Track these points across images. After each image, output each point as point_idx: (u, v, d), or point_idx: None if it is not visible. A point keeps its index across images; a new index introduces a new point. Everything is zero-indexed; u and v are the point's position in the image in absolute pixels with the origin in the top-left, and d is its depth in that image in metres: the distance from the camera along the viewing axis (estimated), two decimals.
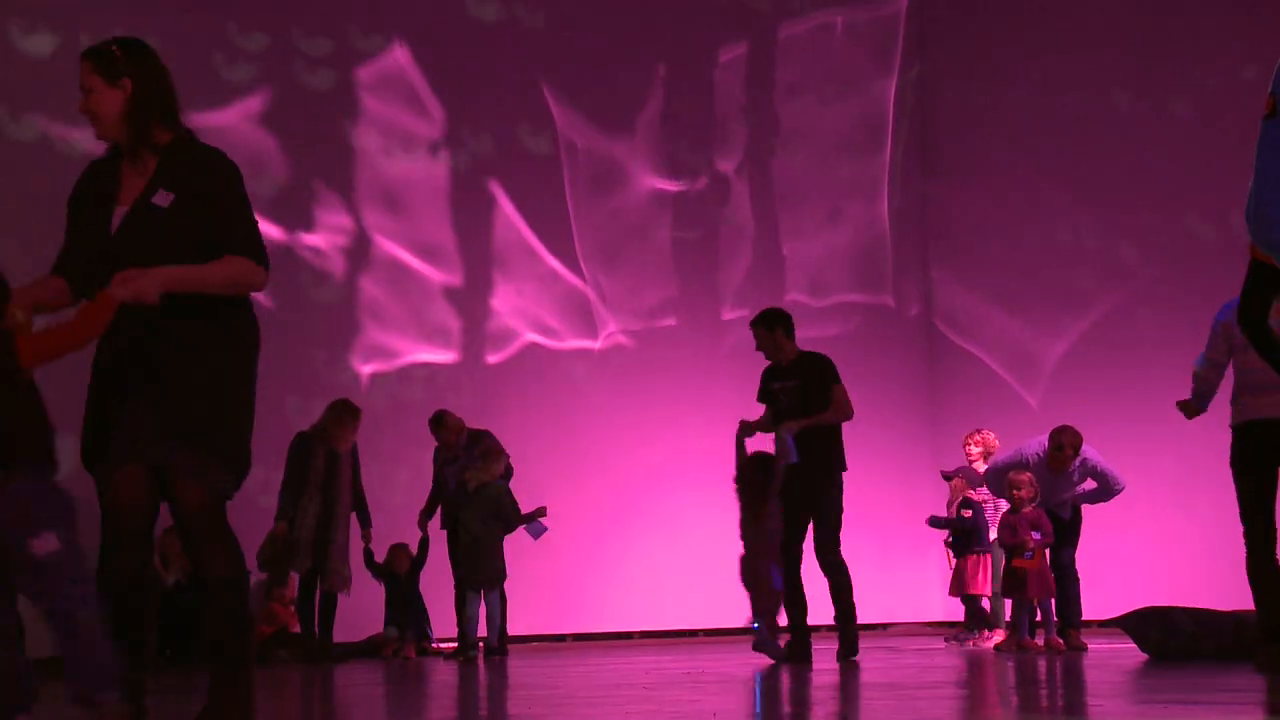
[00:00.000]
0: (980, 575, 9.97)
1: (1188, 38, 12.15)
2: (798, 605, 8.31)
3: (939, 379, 13.60)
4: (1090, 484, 9.31)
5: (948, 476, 10.55)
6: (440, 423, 10.06)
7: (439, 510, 10.14)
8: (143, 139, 4.10)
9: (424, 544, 10.20)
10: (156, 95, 4.12)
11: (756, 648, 8.19)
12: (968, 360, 13.28)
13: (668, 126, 12.80)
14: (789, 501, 8.23)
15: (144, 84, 4.10)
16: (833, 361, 8.59)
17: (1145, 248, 12.33)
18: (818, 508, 8.34)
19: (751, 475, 8.33)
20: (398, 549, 10.30)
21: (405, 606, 10.25)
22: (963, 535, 10.16)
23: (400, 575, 10.24)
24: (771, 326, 8.58)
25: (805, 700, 5.67)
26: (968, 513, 10.04)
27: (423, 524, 10.17)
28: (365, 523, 9.93)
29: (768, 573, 8.19)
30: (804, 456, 8.18)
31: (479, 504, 9.44)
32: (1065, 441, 9.22)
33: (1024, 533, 8.92)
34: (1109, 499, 9.38)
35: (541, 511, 9.63)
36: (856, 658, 8.10)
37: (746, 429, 8.43)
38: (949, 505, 10.43)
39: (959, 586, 10.24)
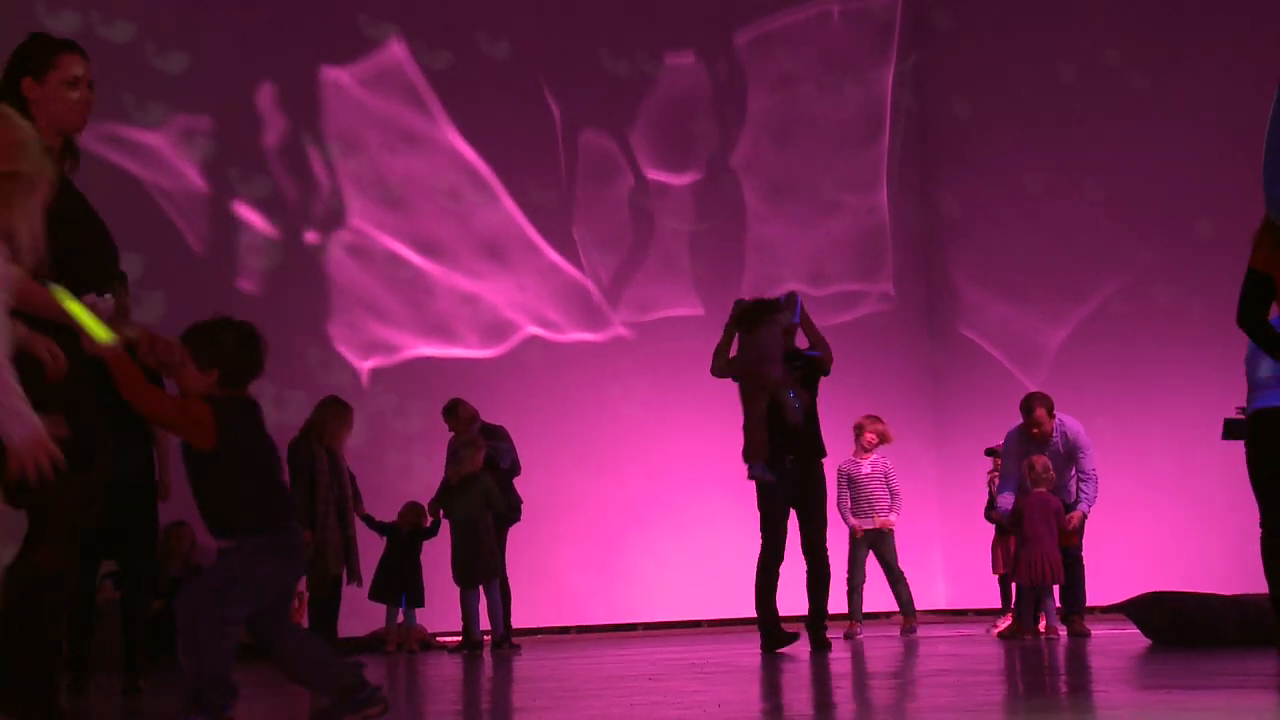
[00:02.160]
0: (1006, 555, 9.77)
1: (1191, 25, 12.13)
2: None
3: (940, 367, 13.60)
4: (1086, 494, 9.11)
5: (991, 453, 10.33)
6: (453, 411, 10.01)
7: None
8: None
9: (436, 524, 10.13)
10: None
11: None
12: (969, 348, 13.27)
13: (667, 117, 12.79)
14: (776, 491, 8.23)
15: None
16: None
17: (1146, 236, 12.32)
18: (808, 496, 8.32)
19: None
20: (411, 507, 10.24)
21: (401, 570, 10.12)
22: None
23: (403, 532, 10.20)
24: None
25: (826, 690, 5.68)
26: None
27: (434, 510, 10.07)
28: (357, 498, 9.85)
29: None
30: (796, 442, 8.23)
31: (467, 497, 9.45)
32: (1035, 405, 9.02)
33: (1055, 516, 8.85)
34: (1091, 483, 9.17)
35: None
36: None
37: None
38: (989, 483, 10.29)
39: (998, 565, 10.15)
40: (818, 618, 8.27)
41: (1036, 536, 8.77)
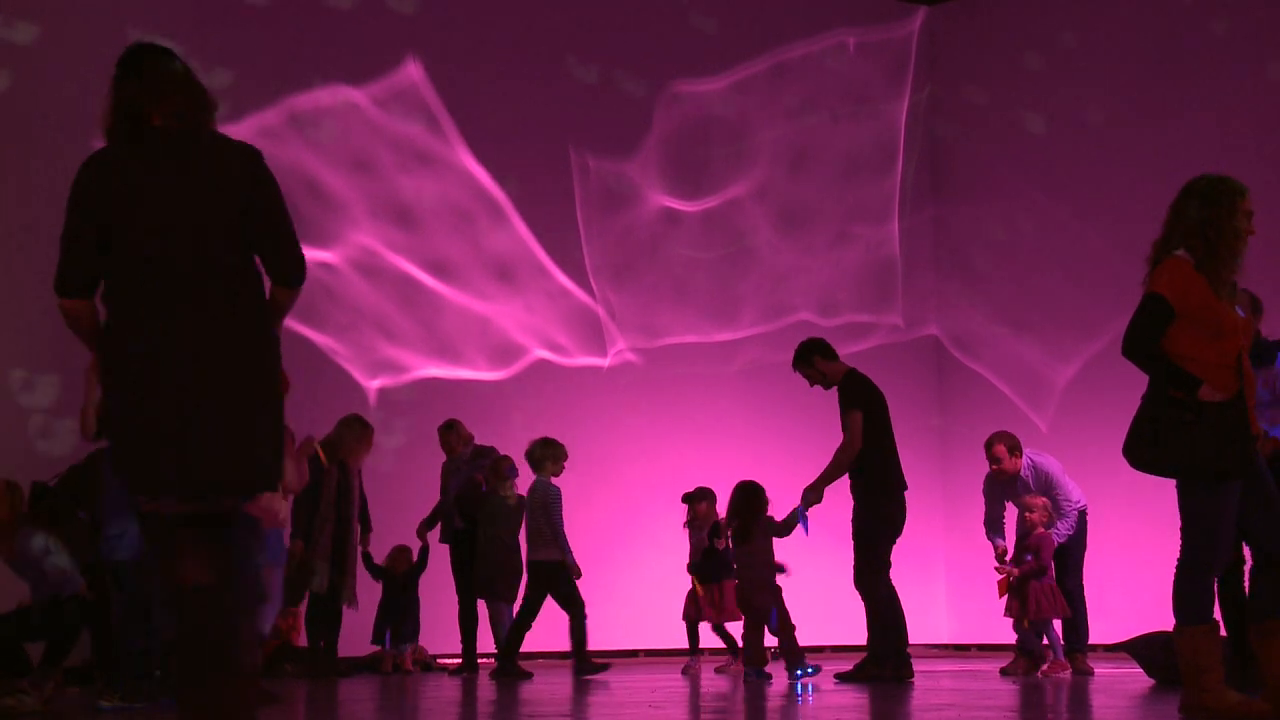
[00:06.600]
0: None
1: (1200, 58, 12.14)
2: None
3: (948, 400, 13.58)
4: (1059, 530, 9.06)
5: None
6: (450, 428, 10.18)
7: (440, 523, 10.24)
8: None
9: (424, 552, 10.28)
10: None
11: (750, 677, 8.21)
12: (976, 381, 13.25)
13: (680, 145, 12.80)
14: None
15: None
16: (858, 381, 8.47)
17: None
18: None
19: (739, 503, 8.30)
20: (399, 551, 10.36)
21: (399, 610, 10.29)
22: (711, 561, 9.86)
23: (397, 576, 10.27)
24: (808, 360, 8.56)
25: None
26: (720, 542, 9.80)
27: (422, 534, 10.30)
28: (366, 528, 9.94)
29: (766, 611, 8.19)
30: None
31: (512, 517, 9.66)
32: (994, 442, 9.03)
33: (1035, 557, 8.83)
34: (1066, 520, 9.11)
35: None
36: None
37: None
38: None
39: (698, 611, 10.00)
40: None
41: (1034, 572, 8.84)
